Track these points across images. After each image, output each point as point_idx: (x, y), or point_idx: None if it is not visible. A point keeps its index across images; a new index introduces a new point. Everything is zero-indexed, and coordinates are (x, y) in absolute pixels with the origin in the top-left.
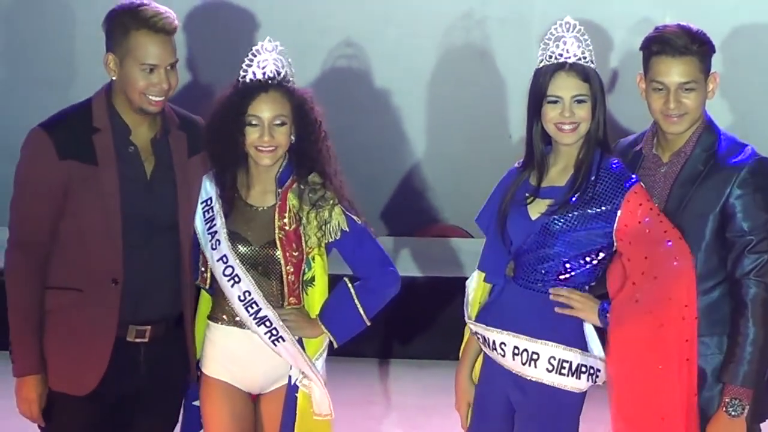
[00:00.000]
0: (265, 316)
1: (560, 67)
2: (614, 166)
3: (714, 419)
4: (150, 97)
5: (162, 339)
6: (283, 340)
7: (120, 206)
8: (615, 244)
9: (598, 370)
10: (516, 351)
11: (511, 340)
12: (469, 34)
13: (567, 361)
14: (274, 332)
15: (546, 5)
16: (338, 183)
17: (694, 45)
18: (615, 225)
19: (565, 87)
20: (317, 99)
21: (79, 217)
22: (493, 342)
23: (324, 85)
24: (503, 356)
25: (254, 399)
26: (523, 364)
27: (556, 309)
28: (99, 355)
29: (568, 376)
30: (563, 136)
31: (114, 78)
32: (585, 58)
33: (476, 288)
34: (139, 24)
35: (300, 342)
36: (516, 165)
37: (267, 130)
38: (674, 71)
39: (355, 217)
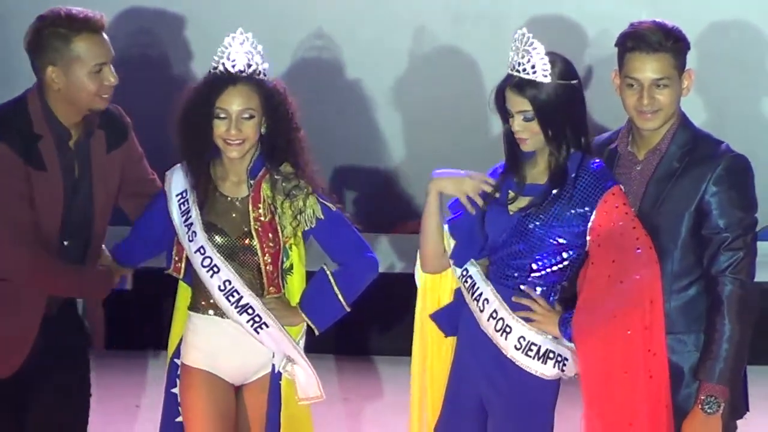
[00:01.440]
0: (247, 304)
1: (509, 80)
2: (595, 166)
3: (690, 416)
4: (103, 96)
5: (54, 317)
6: (267, 326)
7: (61, 210)
8: (587, 244)
9: (566, 359)
10: (494, 315)
11: (494, 301)
12: (446, 31)
13: (535, 344)
14: (257, 319)
15: (523, 2)
16: (311, 172)
17: (668, 41)
18: (589, 224)
19: (513, 103)
20: (293, 95)
21: None
22: (480, 294)
23: (300, 83)
24: (481, 311)
25: (235, 390)
26: (496, 331)
27: None
28: (24, 339)
29: (534, 359)
30: (522, 146)
31: (57, 89)
32: (532, 70)
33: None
34: (80, 28)
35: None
36: (497, 166)
37: (234, 123)
38: (648, 67)
39: (330, 205)
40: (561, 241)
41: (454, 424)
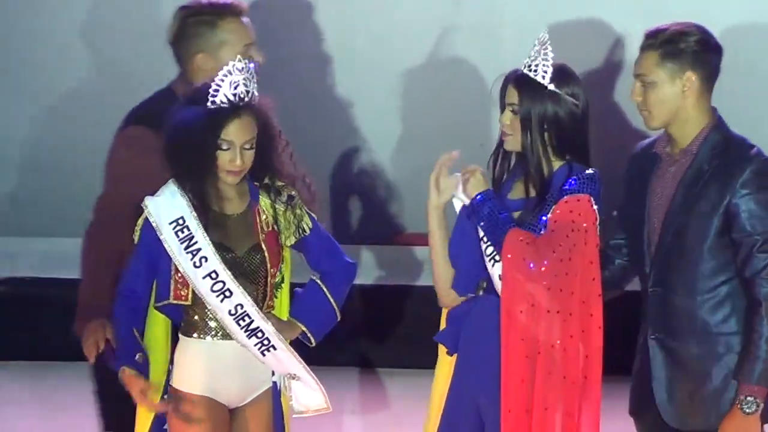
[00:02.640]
0: (257, 327)
1: (513, 73)
2: (584, 174)
3: (728, 417)
4: None
5: None
6: (275, 349)
7: None
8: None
9: None
10: None
11: None
12: (441, 41)
13: None
14: (265, 342)
15: (517, 12)
16: (302, 185)
17: (657, 40)
18: (547, 215)
19: (508, 94)
20: (288, 108)
21: None
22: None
23: (295, 94)
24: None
25: (230, 412)
26: None
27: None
28: None
29: None
30: (505, 141)
31: (208, 75)
32: (534, 69)
33: None
34: (223, 13)
35: None
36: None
37: (239, 155)
38: (637, 65)
39: (311, 213)
40: None
41: None
